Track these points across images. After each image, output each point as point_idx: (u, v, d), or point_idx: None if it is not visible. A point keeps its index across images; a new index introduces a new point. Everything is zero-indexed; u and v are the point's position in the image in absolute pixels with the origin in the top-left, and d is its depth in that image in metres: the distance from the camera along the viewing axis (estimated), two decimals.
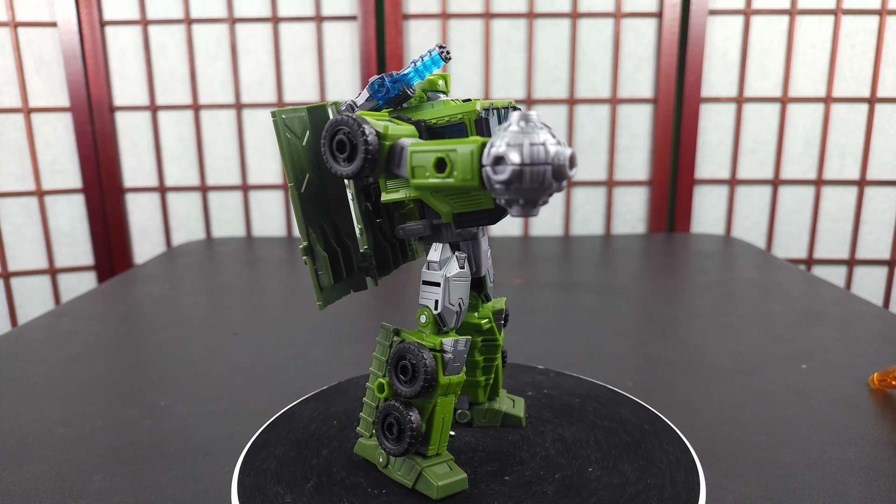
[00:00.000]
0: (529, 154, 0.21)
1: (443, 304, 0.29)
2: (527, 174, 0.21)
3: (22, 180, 1.02)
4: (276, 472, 0.32)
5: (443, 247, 0.30)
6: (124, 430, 0.39)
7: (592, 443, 0.34)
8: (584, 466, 0.32)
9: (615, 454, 0.33)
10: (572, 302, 0.66)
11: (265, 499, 0.29)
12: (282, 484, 0.30)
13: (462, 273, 0.29)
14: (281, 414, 0.38)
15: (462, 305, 0.29)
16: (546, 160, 0.21)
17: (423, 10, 1.00)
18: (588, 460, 0.32)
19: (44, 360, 0.51)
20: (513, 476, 0.31)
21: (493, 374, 0.35)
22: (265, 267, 0.84)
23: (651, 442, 0.34)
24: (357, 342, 0.55)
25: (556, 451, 0.33)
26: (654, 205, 1.05)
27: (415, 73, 0.29)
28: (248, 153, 1.05)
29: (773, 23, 0.99)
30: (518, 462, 0.32)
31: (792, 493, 0.31)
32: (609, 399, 0.40)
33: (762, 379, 0.46)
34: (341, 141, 0.26)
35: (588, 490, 0.30)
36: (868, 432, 0.38)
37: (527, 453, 0.33)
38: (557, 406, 0.39)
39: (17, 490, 0.32)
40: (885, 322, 0.58)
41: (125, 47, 1.00)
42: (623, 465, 0.32)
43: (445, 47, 0.29)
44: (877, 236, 1.04)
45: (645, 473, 0.31)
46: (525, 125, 0.22)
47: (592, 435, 0.35)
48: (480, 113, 0.28)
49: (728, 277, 0.76)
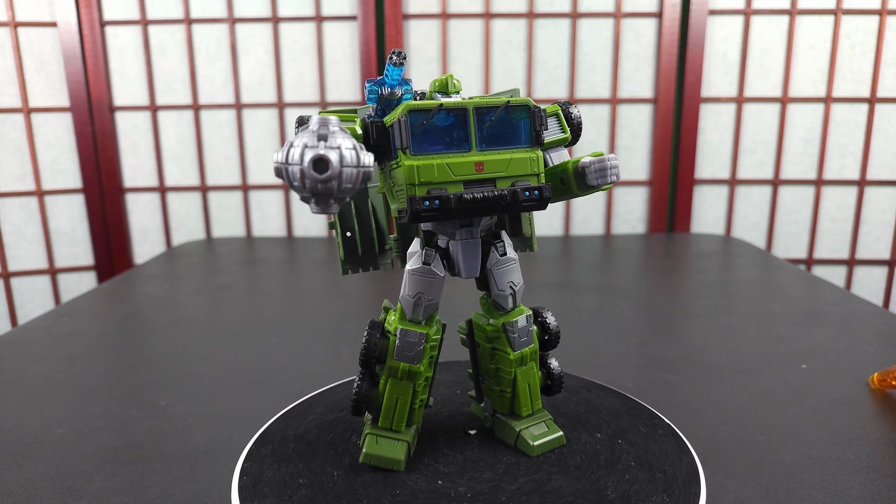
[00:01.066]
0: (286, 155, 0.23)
1: (401, 294, 0.31)
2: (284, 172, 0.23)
3: (22, 180, 1.02)
4: (276, 472, 0.32)
5: (417, 241, 0.32)
6: (124, 430, 0.39)
7: (591, 443, 0.34)
8: (583, 468, 0.32)
9: (614, 455, 0.33)
10: (572, 302, 0.66)
11: (265, 498, 0.29)
12: (282, 484, 0.30)
13: (423, 269, 0.30)
14: (281, 414, 0.38)
15: (424, 300, 0.31)
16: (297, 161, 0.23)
17: (423, 10, 1.00)
18: (588, 461, 0.32)
19: (44, 360, 0.51)
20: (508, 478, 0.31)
21: (511, 390, 0.34)
22: (265, 267, 0.84)
23: (651, 442, 0.34)
24: (357, 342, 0.55)
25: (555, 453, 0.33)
26: (654, 205, 1.05)
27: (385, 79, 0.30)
28: (248, 153, 1.05)
29: (773, 23, 0.99)
30: (516, 464, 0.32)
31: (792, 492, 0.31)
32: (609, 399, 0.40)
33: (762, 379, 0.46)
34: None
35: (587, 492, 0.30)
36: (868, 432, 0.38)
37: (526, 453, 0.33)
38: (557, 406, 0.39)
39: (17, 490, 0.32)
40: (884, 322, 0.58)
41: (125, 47, 1.00)
42: (622, 465, 0.32)
43: (396, 52, 0.29)
44: (877, 236, 1.04)
45: (644, 474, 0.31)
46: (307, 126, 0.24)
47: (592, 435, 0.35)
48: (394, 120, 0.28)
49: (728, 277, 0.76)
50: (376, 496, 0.29)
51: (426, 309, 0.31)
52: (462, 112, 0.28)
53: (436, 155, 0.28)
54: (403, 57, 0.29)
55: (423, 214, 0.27)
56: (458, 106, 0.28)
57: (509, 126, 0.29)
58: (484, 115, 0.29)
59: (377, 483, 0.31)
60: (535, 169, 0.29)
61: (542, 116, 0.29)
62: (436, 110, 0.28)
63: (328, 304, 0.67)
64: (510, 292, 0.32)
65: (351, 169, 0.23)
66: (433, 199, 0.27)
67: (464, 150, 0.28)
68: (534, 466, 0.32)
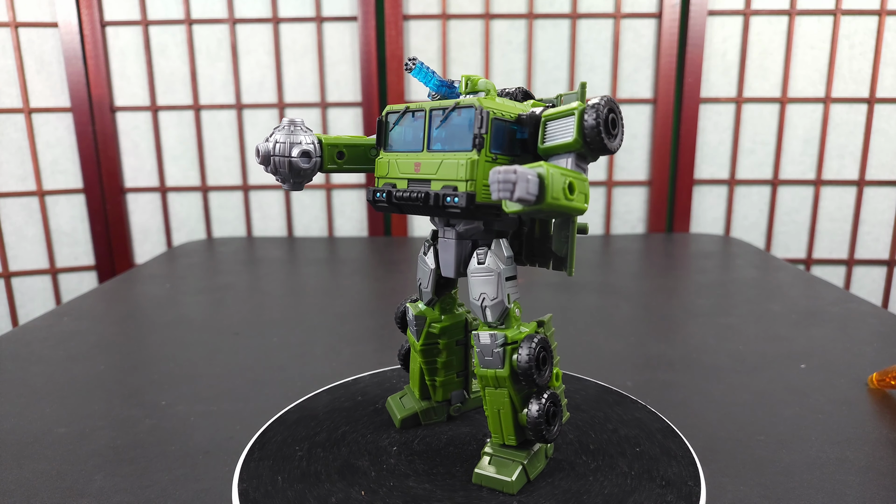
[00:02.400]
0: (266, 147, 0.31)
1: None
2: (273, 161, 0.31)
3: (23, 180, 1.02)
4: (276, 472, 0.32)
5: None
6: (125, 429, 0.39)
7: (592, 443, 0.34)
8: (582, 468, 0.32)
9: (615, 454, 0.33)
10: (572, 302, 0.66)
11: (265, 498, 0.29)
12: (282, 483, 0.31)
13: (420, 258, 0.34)
14: (281, 414, 0.38)
15: (421, 287, 0.34)
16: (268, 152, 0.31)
17: (423, 11, 1.00)
18: (587, 462, 0.33)
19: (44, 360, 0.51)
20: None
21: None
22: (265, 267, 0.84)
23: (650, 442, 0.34)
24: (357, 342, 0.55)
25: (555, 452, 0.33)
26: (653, 205, 1.05)
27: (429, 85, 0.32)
28: (248, 153, 1.05)
29: (773, 23, 0.99)
30: None
31: (791, 492, 0.32)
32: (609, 399, 0.40)
33: (761, 379, 0.46)
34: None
35: (588, 492, 0.30)
36: (867, 432, 0.38)
37: None
38: None
39: (18, 490, 0.33)
40: (883, 322, 0.58)
41: (126, 48, 1.01)
42: (622, 465, 0.32)
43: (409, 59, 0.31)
44: (876, 236, 1.04)
45: (644, 474, 0.31)
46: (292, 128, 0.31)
47: (592, 435, 0.35)
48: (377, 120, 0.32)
49: (727, 277, 0.76)
50: (376, 493, 0.30)
51: (423, 294, 0.34)
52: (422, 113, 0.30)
53: (395, 153, 0.31)
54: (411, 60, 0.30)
55: (377, 205, 0.31)
56: (420, 108, 0.30)
57: (463, 128, 0.29)
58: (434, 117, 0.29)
59: (378, 483, 0.31)
60: (462, 174, 0.28)
61: (483, 119, 0.28)
62: (403, 111, 0.31)
63: (328, 304, 0.67)
64: (480, 304, 0.30)
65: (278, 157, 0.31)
66: (381, 191, 0.30)
67: (416, 150, 0.30)
68: None
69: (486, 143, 0.28)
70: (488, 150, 0.28)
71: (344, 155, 0.33)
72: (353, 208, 1.08)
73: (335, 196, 1.07)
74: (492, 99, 0.29)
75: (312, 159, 0.31)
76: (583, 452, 0.33)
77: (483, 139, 0.28)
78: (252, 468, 0.32)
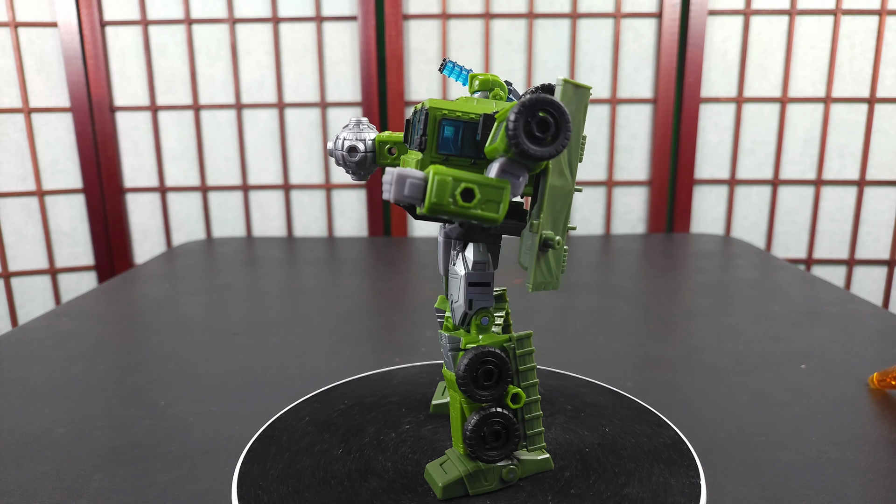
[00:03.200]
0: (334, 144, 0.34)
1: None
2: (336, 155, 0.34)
3: (22, 180, 1.02)
4: (275, 472, 0.32)
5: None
6: (124, 429, 0.39)
7: (592, 443, 0.34)
8: (582, 468, 0.32)
9: (614, 455, 0.33)
10: (572, 302, 0.66)
11: (265, 498, 0.29)
12: (281, 484, 0.30)
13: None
14: (281, 414, 0.38)
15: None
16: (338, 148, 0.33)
17: (423, 11, 1.00)
18: (587, 462, 0.33)
19: (44, 360, 0.51)
20: None
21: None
22: (265, 267, 0.84)
23: (650, 442, 0.34)
24: (356, 342, 0.55)
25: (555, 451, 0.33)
26: (653, 205, 1.05)
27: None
28: (248, 153, 1.05)
29: (773, 23, 0.99)
30: None
31: (791, 493, 0.32)
32: (609, 399, 0.40)
33: (761, 379, 0.46)
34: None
35: (587, 493, 0.30)
36: (867, 432, 0.38)
37: None
38: (557, 406, 0.39)
39: (17, 490, 0.32)
40: (884, 322, 0.58)
41: (126, 48, 1.01)
42: (622, 465, 0.32)
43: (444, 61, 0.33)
44: (876, 236, 1.04)
45: (643, 474, 0.31)
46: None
47: (592, 436, 0.35)
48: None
49: (727, 277, 0.76)
50: (375, 493, 0.29)
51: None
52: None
53: (408, 152, 0.32)
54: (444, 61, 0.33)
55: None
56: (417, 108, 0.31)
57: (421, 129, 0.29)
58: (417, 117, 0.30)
59: (379, 483, 0.31)
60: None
61: (423, 121, 0.28)
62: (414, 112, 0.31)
63: (328, 304, 0.67)
64: (451, 304, 0.30)
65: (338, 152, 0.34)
66: None
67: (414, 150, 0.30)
68: None
69: (429, 144, 0.28)
70: (434, 151, 0.28)
71: (395, 151, 0.34)
72: (353, 208, 1.08)
73: (335, 196, 1.07)
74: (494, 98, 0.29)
75: (359, 154, 0.34)
76: (582, 453, 0.33)
77: (424, 140, 0.28)
78: (251, 468, 0.32)
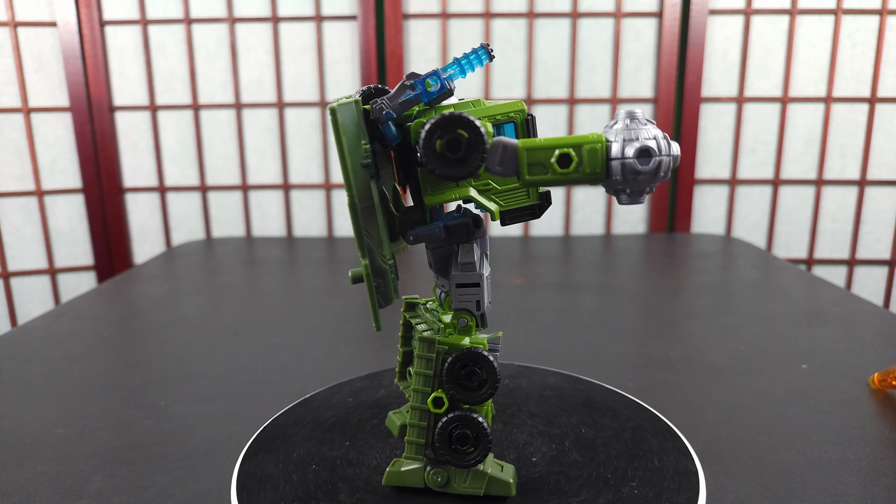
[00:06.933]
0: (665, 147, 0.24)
1: (485, 303, 0.29)
2: (664, 164, 0.24)
3: (21, 180, 1.02)
4: (275, 472, 0.31)
5: (472, 247, 0.29)
6: (124, 430, 0.39)
7: (591, 443, 0.34)
8: (582, 468, 0.32)
9: (615, 455, 0.33)
10: (572, 302, 0.66)
11: (265, 498, 0.29)
12: (281, 484, 0.30)
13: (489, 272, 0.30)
14: (281, 414, 0.38)
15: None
16: (668, 152, 0.25)
17: (423, 10, 0.99)
18: (587, 462, 0.32)
19: (44, 360, 0.51)
20: None
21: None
22: (265, 267, 0.84)
23: (651, 442, 0.34)
24: (356, 342, 0.55)
25: (555, 453, 0.33)
26: (654, 205, 1.05)
27: (459, 71, 0.29)
28: (247, 153, 1.05)
29: (774, 22, 0.99)
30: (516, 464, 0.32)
31: (792, 493, 0.31)
32: (609, 399, 0.40)
33: (762, 379, 0.46)
34: (457, 140, 0.25)
35: (587, 493, 0.30)
36: (868, 432, 0.38)
37: (526, 454, 0.33)
38: (558, 406, 0.39)
39: (17, 490, 0.32)
40: (885, 322, 0.58)
41: (125, 47, 1.00)
42: (622, 466, 0.32)
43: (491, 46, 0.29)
44: (877, 236, 1.04)
45: (644, 474, 0.31)
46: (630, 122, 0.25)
47: (592, 436, 0.35)
48: (529, 113, 0.29)
49: (728, 277, 0.76)
50: (374, 492, 0.29)
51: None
52: None
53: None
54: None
55: None
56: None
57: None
58: None
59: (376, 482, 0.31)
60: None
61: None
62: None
63: (328, 304, 0.66)
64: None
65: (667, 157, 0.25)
66: None
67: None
68: (530, 465, 0.32)
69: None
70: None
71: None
72: None
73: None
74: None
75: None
76: (582, 454, 0.33)
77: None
78: (251, 469, 0.32)
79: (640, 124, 0.25)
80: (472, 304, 0.29)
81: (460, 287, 0.29)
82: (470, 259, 0.29)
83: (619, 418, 0.37)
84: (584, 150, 0.25)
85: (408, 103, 0.28)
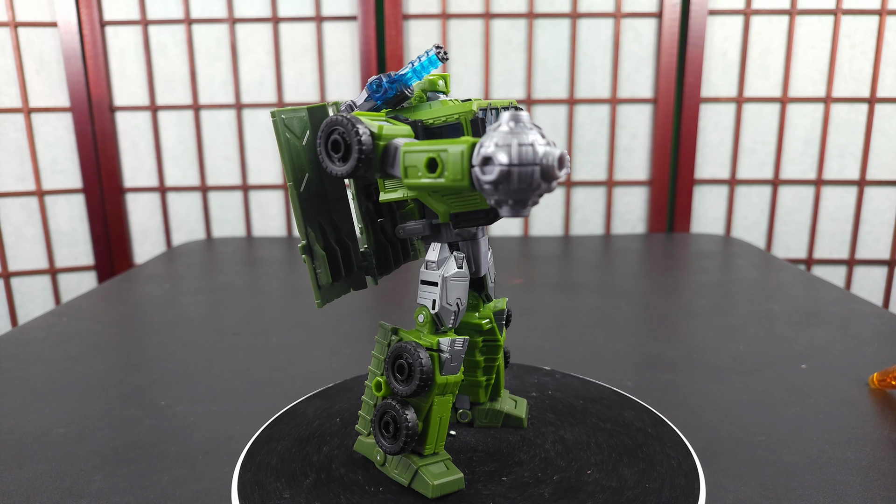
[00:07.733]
0: (518, 154, 0.21)
1: (440, 303, 0.29)
2: (515, 175, 0.21)
3: (22, 180, 1.02)
4: (276, 472, 0.32)
5: (441, 246, 0.30)
6: (124, 430, 0.39)
7: (593, 444, 0.34)
8: (582, 468, 0.32)
9: (615, 455, 0.33)
10: (572, 302, 0.66)
11: (265, 499, 0.29)
12: (281, 483, 0.30)
13: (460, 273, 0.29)
14: (281, 413, 0.38)
15: (460, 305, 0.30)
16: (534, 161, 0.21)
17: (423, 10, 1.00)
18: (587, 462, 0.32)
19: (44, 360, 0.51)
20: (510, 477, 0.31)
21: (495, 375, 0.35)
22: (265, 267, 0.84)
23: (651, 442, 0.34)
24: (356, 342, 0.55)
25: (555, 453, 0.33)
26: (653, 205, 1.05)
27: (412, 74, 0.30)
28: (248, 153, 1.05)
29: (773, 23, 0.99)
30: (517, 463, 0.32)
31: (791, 492, 0.31)
32: (609, 399, 0.40)
33: (762, 379, 0.46)
34: (336, 140, 0.27)
35: (585, 492, 0.30)
36: (868, 432, 0.38)
37: (526, 454, 0.33)
38: (559, 407, 0.39)
39: (17, 490, 0.32)
40: (884, 322, 0.58)
41: (125, 47, 1.00)
42: (623, 466, 0.32)
43: (442, 48, 0.30)
44: (876, 236, 1.04)
45: (645, 474, 0.31)
46: (514, 125, 0.22)
47: (593, 436, 0.35)
48: (477, 113, 0.28)
49: (728, 277, 0.76)
50: (374, 492, 0.29)
51: (458, 315, 0.30)
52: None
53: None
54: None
55: None
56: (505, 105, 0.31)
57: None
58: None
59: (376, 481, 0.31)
60: None
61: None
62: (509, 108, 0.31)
63: (328, 304, 0.67)
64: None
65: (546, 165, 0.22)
66: None
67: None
68: (530, 465, 0.32)
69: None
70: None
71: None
72: None
73: None
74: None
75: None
76: (581, 453, 0.33)
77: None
78: (251, 469, 0.32)
79: (526, 128, 0.22)
80: (428, 301, 0.29)
81: (422, 283, 0.30)
82: (432, 258, 0.30)
83: (619, 419, 0.37)
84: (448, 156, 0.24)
85: (365, 105, 0.30)
